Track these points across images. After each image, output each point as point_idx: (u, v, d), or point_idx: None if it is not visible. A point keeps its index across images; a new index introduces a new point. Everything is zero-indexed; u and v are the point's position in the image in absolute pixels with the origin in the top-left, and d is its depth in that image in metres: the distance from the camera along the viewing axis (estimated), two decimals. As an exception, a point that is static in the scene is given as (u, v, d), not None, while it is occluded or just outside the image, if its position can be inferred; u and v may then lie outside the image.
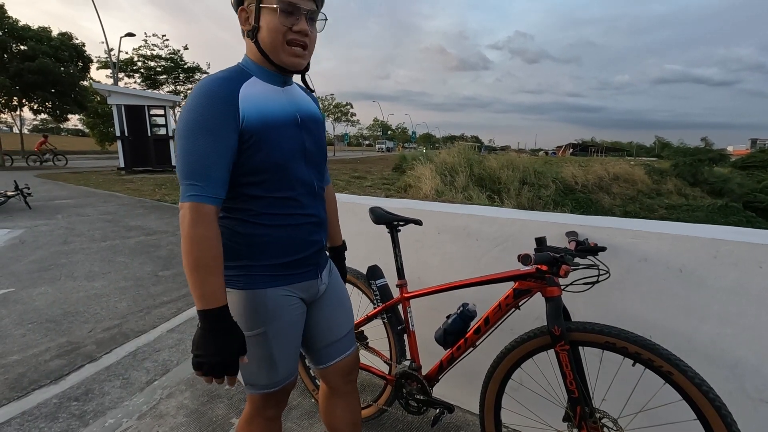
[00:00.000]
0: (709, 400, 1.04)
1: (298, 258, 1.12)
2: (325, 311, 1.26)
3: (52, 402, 2.05)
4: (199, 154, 0.93)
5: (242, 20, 1.04)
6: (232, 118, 0.95)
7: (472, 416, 1.91)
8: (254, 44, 1.03)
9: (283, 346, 1.12)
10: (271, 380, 1.14)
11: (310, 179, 1.12)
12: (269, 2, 0.99)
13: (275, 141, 1.02)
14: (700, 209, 16.61)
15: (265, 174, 1.02)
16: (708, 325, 1.34)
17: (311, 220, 1.13)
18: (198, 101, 0.94)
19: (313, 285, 1.19)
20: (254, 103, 0.99)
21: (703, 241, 1.33)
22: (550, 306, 1.23)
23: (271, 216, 1.06)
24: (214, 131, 0.93)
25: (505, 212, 1.88)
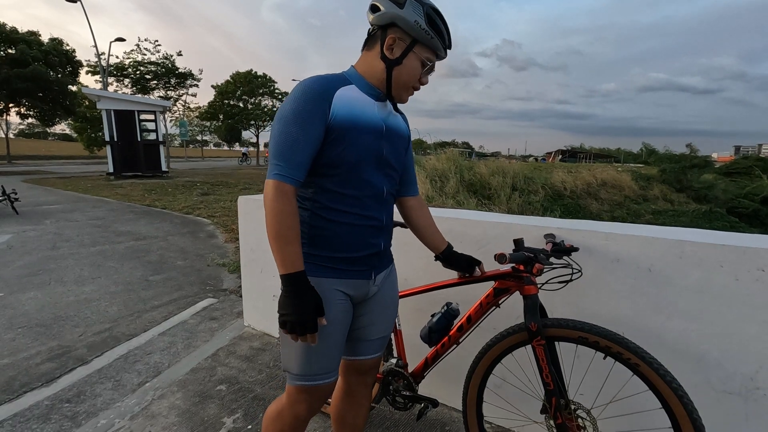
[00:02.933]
0: (673, 389, 1.12)
1: (354, 256, 1.18)
2: (368, 311, 1.29)
3: (44, 404, 2.07)
4: (289, 139, 1.04)
5: (387, 44, 1.11)
6: (323, 112, 1.05)
7: (456, 412, 1.97)
8: (384, 69, 1.13)
9: (321, 337, 1.12)
10: (303, 371, 1.16)
11: (379, 184, 1.19)
12: (421, 53, 1.12)
13: (354, 141, 1.10)
14: (685, 214, 16.96)
15: (338, 169, 1.11)
16: (675, 321, 1.43)
17: (372, 222, 1.19)
18: (297, 94, 1.05)
19: (364, 285, 1.23)
20: (346, 105, 1.09)
21: (669, 242, 1.42)
22: (528, 303, 1.31)
23: (335, 211, 1.14)
24: (305, 121, 1.04)
25: (488, 216, 1.96)
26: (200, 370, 2.41)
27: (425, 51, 1.12)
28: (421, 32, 1.08)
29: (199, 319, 3.15)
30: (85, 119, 25.32)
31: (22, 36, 20.22)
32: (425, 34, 1.09)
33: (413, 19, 1.07)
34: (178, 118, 30.77)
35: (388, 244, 1.29)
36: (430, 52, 1.13)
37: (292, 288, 1.03)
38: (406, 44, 1.11)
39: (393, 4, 1.08)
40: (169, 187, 12.43)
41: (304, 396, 1.19)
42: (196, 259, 4.87)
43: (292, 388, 1.20)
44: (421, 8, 1.08)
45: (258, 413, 2.00)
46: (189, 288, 3.83)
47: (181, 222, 7.27)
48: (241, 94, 32.23)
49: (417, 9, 1.08)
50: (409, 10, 1.07)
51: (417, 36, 1.09)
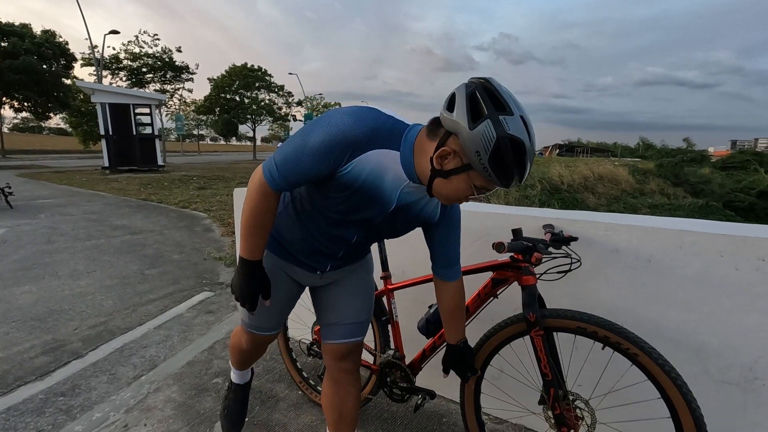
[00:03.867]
0: (672, 379, 1.11)
1: (298, 258, 1.27)
2: (329, 295, 1.38)
3: (38, 397, 2.05)
4: (297, 160, 0.97)
5: (439, 154, 0.92)
6: (337, 162, 0.95)
7: (454, 404, 1.96)
8: (429, 171, 0.96)
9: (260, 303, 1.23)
10: (246, 321, 1.38)
11: (352, 235, 1.17)
12: (473, 179, 0.92)
13: (350, 204, 1.05)
14: (681, 208, 17.03)
15: (319, 206, 1.11)
16: (674, 311, 1.42)
17: (325, 251, 1.23)
18: (336, 123, 0.93)
19: (307, 277, 1.32)
20: (369, 171, 0.98)
21: (669, 232, 1.41)
22: (526, 294, 1.30)
23: (300, 223, 1.20)
24: (316, 158, 0.95)
25: (486, 207, 1.95)
26: (196, 364, 2.39)
27: (479, 178, 0.91)
28: (479, 165, 0.87)
29: (195, 313, 3.13)
30: (80, 113, 25.11)
31: (15, 28, 19.96)
32: (483, 169, 0.87)
33: (475, 149, 0.85)
34: (174, 112, 30.54)
35: (340, 265, 1.31)
36: (486, 181, 0.91)
37: (245, 271, 1.13)
38: (459, 164, 0.91)
39: (467, 113, 0.86)
40: (165, 181, 12.35)
41: (247, 337, 1.43)
42: (193, 252, 4.84)
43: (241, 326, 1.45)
44: (493, 138, 0.83)
45: (254, 406, 1.99)
46: (185, 281, 3.81)
47: (177, 216, 7.23)
48: (237, 88, 31.98)
49: (487, 137, 0.84)
50: (477, 133, 0.84)
51: (473, 165, 0.89)
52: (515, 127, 0.85)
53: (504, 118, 0.84)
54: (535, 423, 1.75)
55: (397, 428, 1.84)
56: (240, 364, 1.62)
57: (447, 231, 1.24)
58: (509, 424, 1.83)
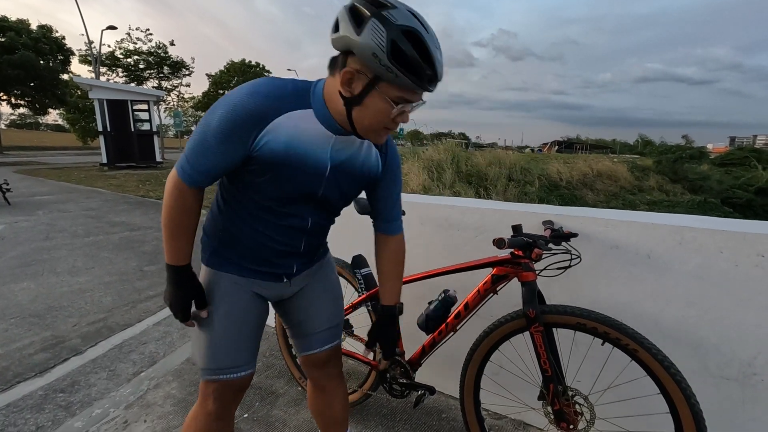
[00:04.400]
0: (671, 374, 1.12)
1: (258, 269, 1.11)
2: (299, 305, 1.24)
3: (37, 394, 2.05)
4: (203, 146, 0.91)
5: (344, 79, 0.86)
6: (245, 138, 0.89)
7: (453, 400, 1.97)
8: (343, 107, 0.90)
9: (224, 332, 1.09)
10: (208, 364, 1.09)
11: (305, 217, 1.06)
12: (387, 93, 0.84)
13: (281, 180, 0.96)
14: (680, 205, 17.04)
15: (257, 195, 1.00)
16: (673, 307, 1.42)
17: (285, 248, 1.09)
18: (232, 100, 0.88)
19: (275, 287, 1.16)
20: (286, 137, 0.91)
21: (669, 228, 1.41)
22: (526, 290, 1.30)
23: (247, 225, 1.05)
24: (222, 139, 0.89)
25: (485, 203, 1.94)
26: (196, 360, 2.39)
27: (393, 90, 0.84)
28: (381, 69, 0.80)
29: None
30: (78, 109, 25.01)
31: (11, 24, 19.82)
32: (387, 71, 0.80)
33: (371, 51, 0.79)
34: (172, 108, 30.43)
35: (305, 264, 1.19)
36: (402, 91, 0.84)
37: (173, 278, 1.05)
38: (366, 80, 0.84)
39: (351, 24, 0.80)
40: (163, 178, 12.32)
41: (212, 391, 1.11)
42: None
43: (203, 384, 1.12)
44: (383, 34, 0.77)
45: (254, 402, 1.99)
46: (184, 278, 3.80)
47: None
48: (236, 84, 31.94)
49: (377, 35, 0.77)
50: (366, 37, 0.78)
51: (377, 72, 0.82)
52: (402, 17, 0.79)
53: (388, 12, 0.79)
54: (535, 418, 1.76)
55: (397, 424, 1.84)
56: None
57: (389, 184, 1.16)
58: (508, 419, 1.83)
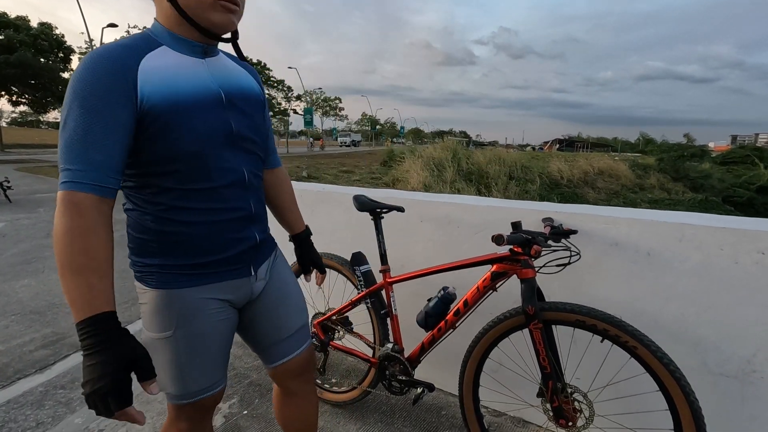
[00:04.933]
0: (670, 371, 1.11)
1: (220, 258, 0.96)
2: (266, 308, 1.12)
3: (38, 390, 2.05)
4: (78, 132, 0.75)
5: None
6: (124, 95, 0.78)
7: (452, 397, 1.97)
8: (169, 1, 0.84)
9: (193, 354, 0.96)
10: (178, 390, 0.98)
11: (237, 167, 0.95)
12: None
13: (188, 125, 0.85)
14: (681, 203, 17.03)
15: (176, 163, 0.86)
16: (673, 304, 1.42)
17: (238, 214, 0.97)
18: (84, 71, 0.76)
19: (244, 284, 1.03)
20: (160, 79, 0.82)
21: (669, 225, 1.40)
22: (525, 287, 1.29)
23: (185, 211, 0.90)
24: (98, 108, 0.75)
25: (485, 201, 1.94)
26: (196, 357, 2.40)
27: None
28: None
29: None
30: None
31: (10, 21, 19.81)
32: None
33: None
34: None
35: (264, 232, 1.08)
36: None
37: (95, 340, 0.71)
38: None
39: None
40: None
41: (185, 413, 1.03)
42: (192, 246, 4.84)
43: (171, 406, 1.03)
44: None
45: (254, 399, 1.99)
46: (184, 275, 3.81)
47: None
48: (236, 82, 31.91)
49: None
50: None
51: None
52: None
53: None
54: (534, 415, 1.76)
55: (396, 421, 1.84)
56: None
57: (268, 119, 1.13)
58: (507, 416, 1.83)
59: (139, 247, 0.94)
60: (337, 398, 1.93)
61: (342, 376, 2.21)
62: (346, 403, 1.91)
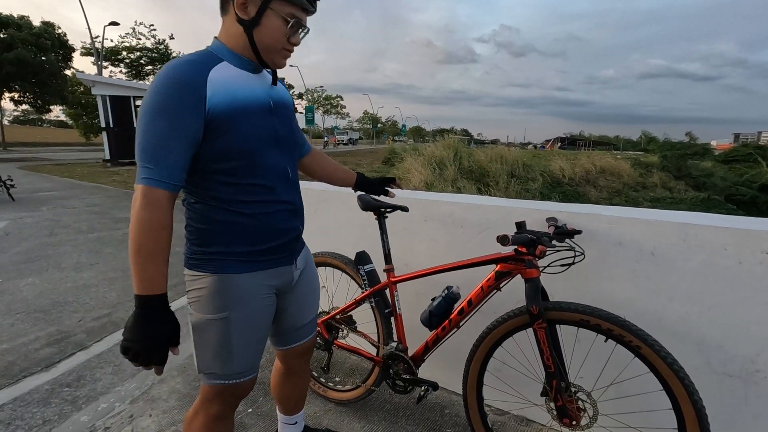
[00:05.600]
0: (674, 371, 1.12)
1: (272, 246, 1.10)
2: (296, 297, 1.26)
3: (43, 388, 2.07)
4: (157, 137, 0.90)
5: (238, 5, 0.97)
6: (196, 103, 0.92)
7: (456, 396, 1.98)
8: (245, 34, 0.99)
9: (244, 335, 1.09)
10: (224, 370, 1.09)
11: (282, 165, 1.11)
12: (280, 10, 0.98)
13: (245, 127, 1.00)
14: (683, 202, 16.96)
15: (235, 161, 1.00)
16: (677, 304, 1.42)
17: (285, 207, 1.12)
18: (161, 84, 0.90)
19: (287, 271, 1.18)
20: (224, 89, 0.96)
21: (673, 225, 1.41)
22: (529, 287, 1.30)
23: (243, 203, 1.03)
24: (174, 116, 0.90)
25: (489, 200, 1.94)
26: (200, 355, 2.41)
27: (285, 6, 0.98)
28: None
29: (198, 305, 3.15)
30: (81, 105, 25.03)
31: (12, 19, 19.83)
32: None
33: None
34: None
35: (303, 225, 1.24)
36: (291, 6, 0.98)
37: (145, 312, 0.90)
38: (259, 2, 0.96)
39: None
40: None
41: (221, 395, 1.12)
42: (195, 245, 4.85)
43: (208, 388, 1.12)
44: None
45: (258, 397, 2.01)
46: (188, 274, 3.82)
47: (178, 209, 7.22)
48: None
49: None
50: None
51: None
52: None
53: None
54: (537, 414, 1.76)
55: (400, 419, 1.85)
56: None
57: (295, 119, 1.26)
58: (511, 415, 1.84)
59: (200, 236, 1.06)
60: (341, 397, 1.94)
61: (346, 374, 2.22)
62: (350, 401, 1.92)
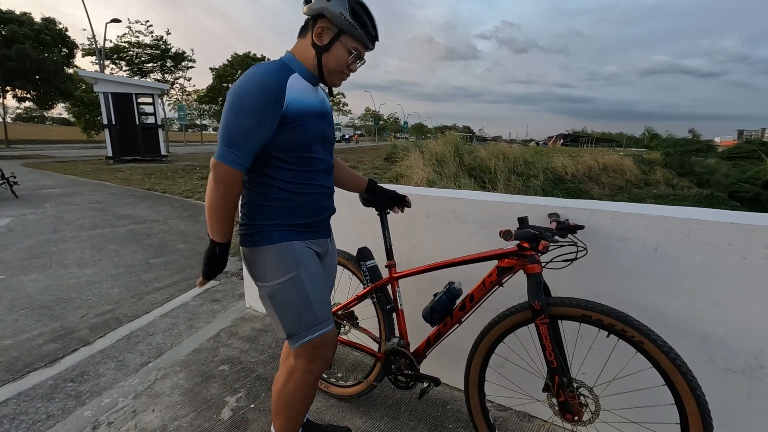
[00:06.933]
0: (677, 366, 1.12)
1: (315, 220, 1.37)
2: (325, 266, 1.47)
3: (47, 383, 2.08)
4: (243, 130, 1.14)
5: (316, 32, 1.22)
6: (279, 104, 1.16)
7: (458, 391, 1.98)
8: (315, 56, 1.25)
9: (315, 287, 1.31)
10: (310, 322, 1.30)
11: (326, 159, 1.37)
12: (348, 43, 1.24)
13: (306, 126, 1.24)
14: (686, 199, 16.88)
15: (295, 152, 1.25)
16: (680, 300, 1.41)
17: (325, 191, 1.39)
18: (252, 87, 1.14)
19: (324, 243, 1.45)
20: (297, 94, 1.21)
21: (677, 221, 1.40)
22: (531, 282, 1.30)
23: (297, 185, 1.29)
24: (260, 114, 1.13)
25: (491, 196, 1.94)
26: (202, 351, 2.42)
27: (351, 41, 1.24)
28: (346, 23, 1.20)
29: (200, 301, 3.16)
30: (83, 103, 25.04)
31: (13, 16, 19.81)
32: (349, 25, 1.21)
33: (338, 11, 1.19)
34: (176, 101, 30.44)
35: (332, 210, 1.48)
36: (356, 42, 1.26)
37: (215, 252, 1.25)
38: (333, 33, 1.22)
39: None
40: (168, 171, 12.36)
41: (317, 349, 1.33)
42: (197, 242, 4.86)
43: (304, 347, 1.32)
44: (346, 2, 1.20)
45: (261, 392, 2.01)
46: (190, 270, 3.84)
47: (181, 206, 7.25)
48: (240, 77, 31.82)
49: (343, 3, 1.19)
50: (335, 3, 1.19)
51: (342, 26, 1.21)
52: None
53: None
54: (540, 410, 1.77)
55: (402, 415, 1.86)
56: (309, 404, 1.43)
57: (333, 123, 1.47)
58: (513, 411, 1.84)
59: (260, 212, 1.29)
60: (344, 392, 1.94)
61: (348, 370, 2.22)
62: (352, 397, 1.92)
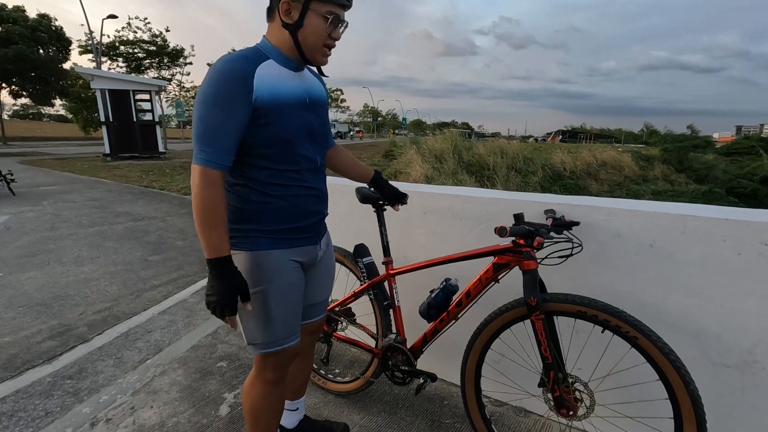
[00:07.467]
0: (670, 361, 1.13)
1: (299, 225, 1.23)
2: (317, 274, 1.39)
3: (46, 380, 2.08)
4: (212, 124, 1.03)
5: (283, 10, 1.08)
6: (246, 94, 1.04)
7: (455, 387, 1.99)
8: (290, 36, 1.10)
9: (281, 305, 1.21)
10: (268, 338, 1.22)
11: (313, 156, 1.23)
12: (319, 10, 1.08)
13: (283, 119, 1.11)
14: (684, 195, 16.93)
15: (273, 148, 1.13)
16: (675, 296, 1.42)
17: (312, 192, 1.24)
18: (216, 77, 1.03)
19: (312, 250, 1.31)
20: (268, 83, 1.08)
21: (672, 217, 1.40)
22: (527, 278, 1.30)
23: (276, 186, 1.16)
24: (227, 105, 1.03)
25: (488, 193, 1.94)
26: (201, 348, 2.43)
27: (323, 6, 1.08)
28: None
29: (198, 298, 3.16)
30: (80, 100, 24.92)
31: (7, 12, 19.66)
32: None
33: None
34: (174, 98, 30.33)
35: (327, 210, 1.36)
36: (329, 5, 1.09)
37: (217, 272, 1.06)
38: (300, 5, 1.07)
39: None
40: (166, 168, 12.33)
41: (271, 361, 1.26)
42: (195, 239, 4.86)
43: (260, 356, 1.26)
44: None
45: (258, 389, 2.02)
46: (188, 268, 3.84)
47: (179, 203, 7.24)
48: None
49: None
50: None
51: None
52: None
53: None
54: (535, 405, 1.78)
55: (399, 410, 1.87)
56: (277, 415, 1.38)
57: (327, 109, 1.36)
58: (509, 406, 1.86)
59: (238, 215, 1.17)
60: (341, 388, 1.95)
61: (345, 366, 2.23)
62: (350, 393, 1.93)
